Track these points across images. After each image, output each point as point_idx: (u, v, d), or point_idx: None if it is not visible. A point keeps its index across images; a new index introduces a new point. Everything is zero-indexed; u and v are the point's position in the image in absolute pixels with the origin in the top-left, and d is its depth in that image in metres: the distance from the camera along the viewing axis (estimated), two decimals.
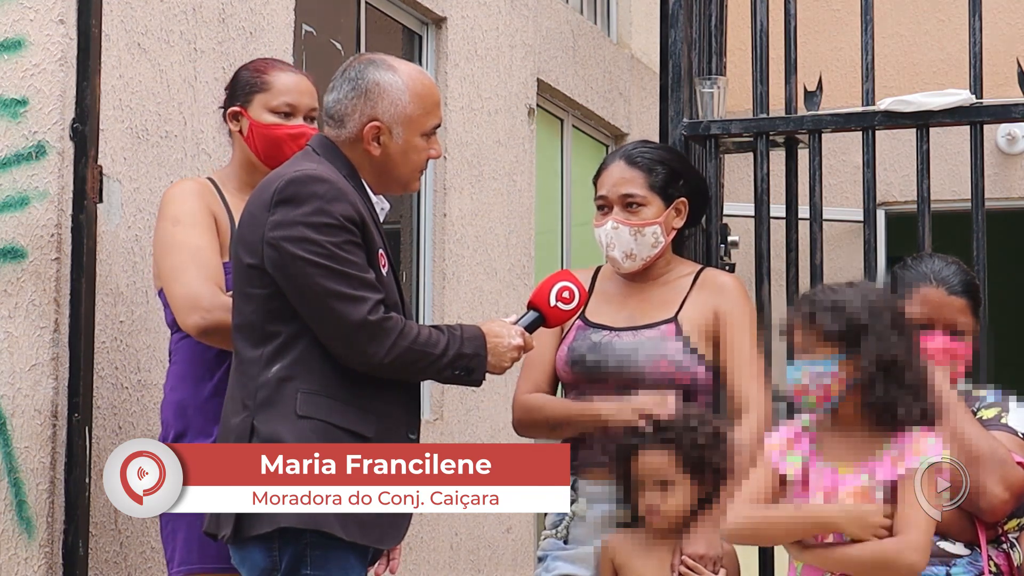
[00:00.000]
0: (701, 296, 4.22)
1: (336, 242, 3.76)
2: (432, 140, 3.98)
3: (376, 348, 3.75)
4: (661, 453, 3.94)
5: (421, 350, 3.78)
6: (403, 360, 3.77)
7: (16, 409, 4.66)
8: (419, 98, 3.94)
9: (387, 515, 3.71)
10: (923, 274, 4.06)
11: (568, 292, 3.96)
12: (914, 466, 3.57)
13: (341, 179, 3.85)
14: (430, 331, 3.83)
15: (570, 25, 8.75)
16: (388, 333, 3.75)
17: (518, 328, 3.94)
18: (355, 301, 3.74)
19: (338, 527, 3.70)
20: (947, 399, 3.91)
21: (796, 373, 3.65)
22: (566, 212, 8.87)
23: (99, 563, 4.85)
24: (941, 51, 9.50)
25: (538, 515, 8.06)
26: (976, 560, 3.86)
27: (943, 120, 4.86)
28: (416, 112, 3.93)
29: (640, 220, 4.22)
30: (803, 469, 3.68)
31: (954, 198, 9.01)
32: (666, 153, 4.34)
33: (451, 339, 3.83)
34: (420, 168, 4.00)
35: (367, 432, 3.77)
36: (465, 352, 3.83)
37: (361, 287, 3.76)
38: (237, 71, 4.65)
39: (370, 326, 3.74)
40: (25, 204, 4.71)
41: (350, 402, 3.79)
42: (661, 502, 3.94)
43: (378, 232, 3.89)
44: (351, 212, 3.79)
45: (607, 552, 4.04)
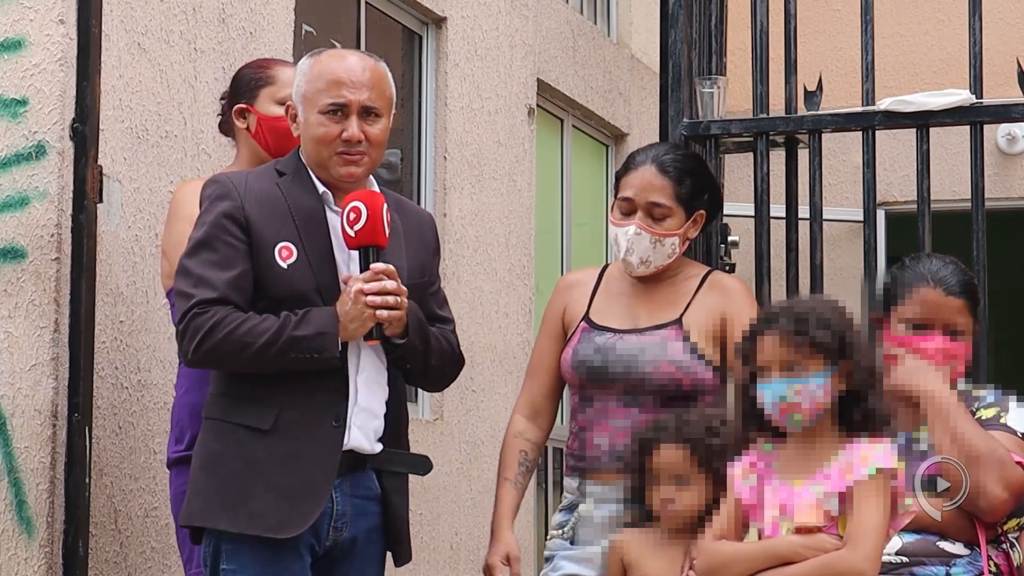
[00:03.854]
0: (708, 299, 4.20)
1: (199, 238, 3.86)
2: (340, 119, 3.91)
3: (187, 344, 3.83)
4: (679, 449, 3.92)
5: (238, 340, 3.78)
6: (218, 353, 3.80)
7: (16, 409, 4.66)
8: (315, 75, 3.94)
9: (284, 503, 3.78)
10: (921, 275, 4.05)
11: (353, 212, 3.83)
12: (865, 473, 3.54)
13: (251, 180, 3.92)
14: (261, 321, 3.80)
15: (570, 25, 8.74)
16: (198, 329, 3.79)
17: (353, 277, 3.85)
18: (183, 298, 3.84)
19: (224, 522, 3.80)
20: (945, 400, 3.91)
21: (782, 390, 3.58)
22: (566, 212, 8.86)
23: (99, 563, 4.85)
24: (941, 51, 9.49)
25: (538, 515, 8.06)
26: (976, 560, 3.86)
27: (943, 120, 4.86)
28: (310, 89, 3.94)
29: (663, 230, 4.19)
30: (758, 488, 3.65)
31: (954, 198, 8.99)
32: (694, 163, 4.29)
33: (284, 325, 3.80)
34: (328, 150, 3.92)
35: (262, 425, 3.82)
36: (300, 335, 3.79)
37: (196, 285, 3.82)
38: (237, 72, 4.65)
39: (184, 322, 3.82)
40: (25, 204, 4.71)
41: (247, 398, 3.85)
42: (676, 498, 3.92)
43: (295, 224, 3.88)
44: (230, 208, 3.85)
45: (616, 550, 4.01)
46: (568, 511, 4.21)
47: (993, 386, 4.13)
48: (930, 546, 3.87)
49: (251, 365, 3.82)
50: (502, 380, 7.43)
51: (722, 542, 3.68)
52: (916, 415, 3.93)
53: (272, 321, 3.80)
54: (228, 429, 3.85)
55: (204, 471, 3.87)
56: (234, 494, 3.81)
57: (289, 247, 3.86)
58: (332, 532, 3.89)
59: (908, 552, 3.86)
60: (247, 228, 3.85)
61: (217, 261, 3.83)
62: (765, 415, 3.63)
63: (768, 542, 3.60)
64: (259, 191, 3.90)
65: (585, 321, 4.24)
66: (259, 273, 3.86)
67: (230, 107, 4.60)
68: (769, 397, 3.60)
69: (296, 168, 3.97)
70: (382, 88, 4.00)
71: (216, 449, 3.86)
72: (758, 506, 3.64)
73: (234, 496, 3.81)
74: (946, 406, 3.89)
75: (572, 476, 4.21)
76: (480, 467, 7.27)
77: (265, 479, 3.80)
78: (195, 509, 3.87)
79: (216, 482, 3.84)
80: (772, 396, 3.60)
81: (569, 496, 4.22)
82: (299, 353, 3.79)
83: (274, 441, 3.82)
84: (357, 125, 3.92)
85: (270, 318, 3.81)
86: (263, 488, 3.79)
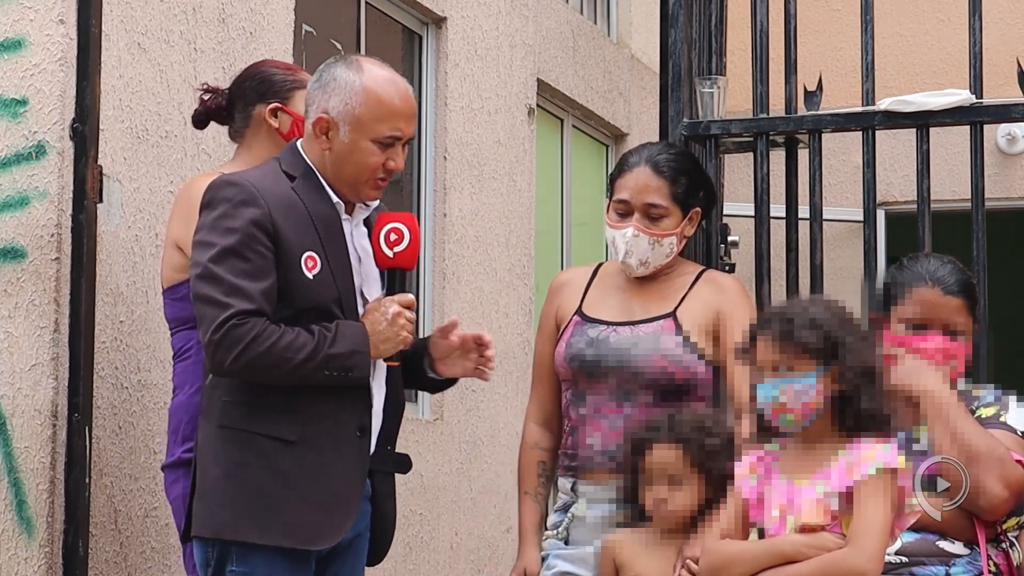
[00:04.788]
0: (702, 294, 4.22)
1: (227, 246, 3.75)
2: (391, 151, 3.87)
3: (223, 355, 3.73)
4: (672, 449, 3.93)
5: (279, 355, 3.71)
6: (255, 367, 3.72)
7: (16, 409, 4.66)
8: (374, 102, 3.85)
9: (319, 514, 3.76)
10: (919, 275, 4.05)
11: (395, 233, 3.83)
12: (867, 473, 3.54)
13: (268, 183, 3.82)
14: (297, 336, 3.74)
15: (570, 25, 8.74)
16: (237, 341, 3.70)
17: (388, 299, 3.85)
18: (217, 306, 3.73)
19: (255, 534, 3.74)
20: (945, 399, 3.91)
21: (772, 391, 3.59)
22: (566, 212, 8.86)
23: (99, 563, 4.85)
24: (941, 51, 9.49)
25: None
26: (975, 559, 3.86)
27: (943, 120, 4.86)
28: (366, 115, 3.84)
29: (660, 231, 4.19)
30: (761, 487, 3.65)
31: (954, 198, 9.00)
32: (688, 162, 4.30)
33: (320, 342, 3.75)
34: (370, 175, 3.88)
35: (290, 436, 3.77)
36: (336, 352, 3.75)
37: (230, 294, 3.72)
38: (261, 70, 4.60)
39: (221, 332, 3.71)
40: (25, 204, 4.71)
41: (271, 407, 3.79)
42: (669, 498, 3.92)
43: (318, 233, 3.83)
44: (259, 216, 3.76)
45: (609, 550, 4.02)
46: (562, 511, 4.22)
47: (993, 386, 4.13)
48: (930, 546, 3.87)
49: (286, 379, 3.76)
50: (502, 380, 7.43)
51: (725, 541, 3.68)
52: (916, 415, 3.93)
53: (307, 337, 3.75)
54: (251, 439, 3.78)
55: (228, 482, 3.78)
56: (265, 506, 3.76)
57: (314, 257, 3.81)
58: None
59: (908, 552, 3.86)
60: (275, 237, 3.78)
61: (249, 271, 3.74)
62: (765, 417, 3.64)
63: (771, 541, 3.61)
64: (280, 197, 3.82)
65: (577, 314, 4.24)
66: (285, 283, 3.79)
67: (244, 104, 4.57)
68: (761, 398, 3.62)
69: (305, 171, 3.90)
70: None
71: (240, 460, 3.78)
72: (761, 505, 3.64)
73: (265, 508, 3.76)
74: (945, 405, 3.89)
75: (566, 476, 4.23)
76: (480, 467, 7.27)
77: (298, 491, 3.76)
78: (222, 521, 3.78)
79: (244, 493, 3.77)
80: (764, 397, 3.61)
81: (563, 496, 4.23)
82: (333, 371, 3.76)
83: (302, 452, 3.77)
84: (402, 156, 3.90)
85: (303, 333, 3.76)
86: (297, 500, 3.76)
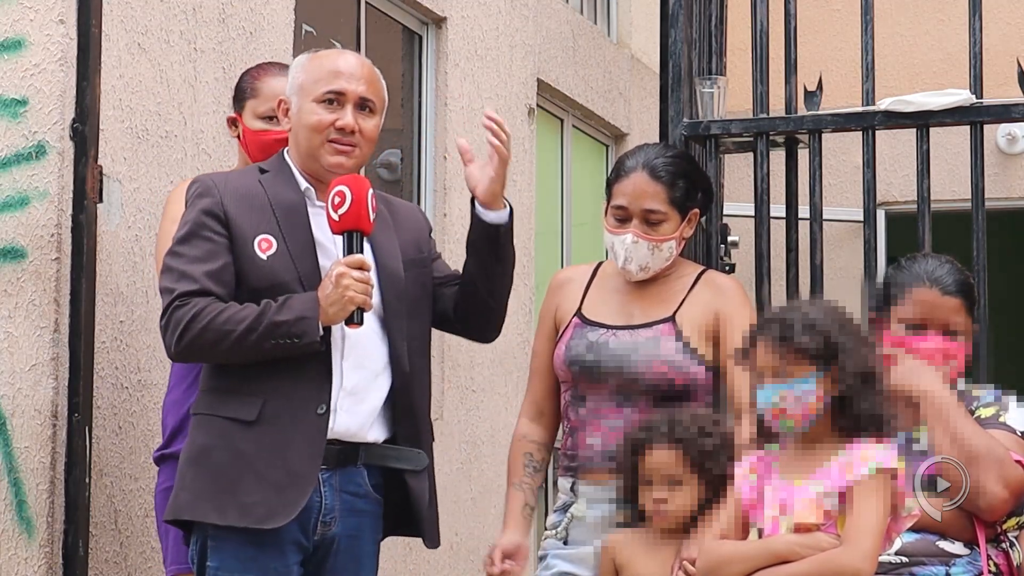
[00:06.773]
0: (702, 296, 4.20)
1: (179, 237, 3.90)
2: (339, 111, 3.95)
3: (169, 337, 3.85)
4: (671, 450, 3.93)
5: (219, 328, 3.78)
6: (200, 344, 3.81)
7: (16, 409, 4.66)
8: (314, 66, 4.00)
9: (269, 493, 3.77)
10: (917, 275, 4.04)
11: (338, 196, 3.83)
12: (864, 472, 3.54)
13: (234, 177, 3.99)
14: (241, 309, 3.80)
15: (570, 25, 8.74)
16: (179, 321, 3.81)
17: (338, 262, 3.85)
18: (166, 294, 3.87)
19: (214, 515, 3.79)
20: (944, 399, 3.90)
21: (771, 396, 3.59)
22: (566, 212, 8.86)
23: (99, 563, 4.85)
24: (941, 51, 9.49)
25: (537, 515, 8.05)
26: (975, 559, 3.86)
27: (943, 120, 4.86)
28: (307, 80, 3.99)
29: (660, 236, 4.17)
30: (758, 487, 3.65)
31: (954, 198, 9.00)
32: (685, 164, 4.26)
33: (264, 311, 3.79)
34: (320, 139, 3.95)
35: (248, 417, 3.82)
36: (281, 319, 3.78)
37: (178, 280, 3.85)
38: (240, 79, 4.66)
39: (166, 317, 3.84)
40: (25, 204, 4.72)
41: (232, 390, 3.86)
42: (668, 499, 3.92)
43: (276, 218, 3.90)
44: (209, 205, 3.89)
45: (608, 551, 4.02)
46: (561, 511, 4.22)
47: (992, 386, 4.13)
48: (930, 546, 3.87)
49: (234, 354, 3.81)
50: (502, 380, 7.42)
51: (721, 541, 3.69)
52: (915, 415, 3.93)
53: (252, 308, 3.80)
54: (214, 423, 3.86)
55: (191, 465, 3.86)
56: (223, 487, 3.80)
57: (268, 239, 3.88)
58: (320, 527, 3.88)
59: (908, 552, 3.86)
60: (226, 223, 3.88)
61: (198, 256, 3.85)
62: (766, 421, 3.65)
63: (766, 541, 3.61)
64: (239, 187, 3.95)
65: (577, 316, 4.23)
66: (239, 265, 3.87)
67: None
68: (761, 403, 3.62)
69: (280, 166, 4.02)
70: (377, 87, 4.05)
71: (203, 443, 3.86)
72: (759, 505, 3.65)
73: (223, 489, 3.80)
74: (945, 406, 3.89)
75: (565, 476, 4.22)
76: (480, 467, 7.27)
77: (254, 471, 3.79)
78: (182, 503, 3.86)
79: (204, 476, 3.83)
80: (764, 402, 3.61)
81: (563, 496, 4.23)
82: (280, 339, 3.78)
83: (260, 432, 3.81)
84: (352, 115, 3.96)
85: (250, 306, 3.81)
86: (253, 480, 3.79)
